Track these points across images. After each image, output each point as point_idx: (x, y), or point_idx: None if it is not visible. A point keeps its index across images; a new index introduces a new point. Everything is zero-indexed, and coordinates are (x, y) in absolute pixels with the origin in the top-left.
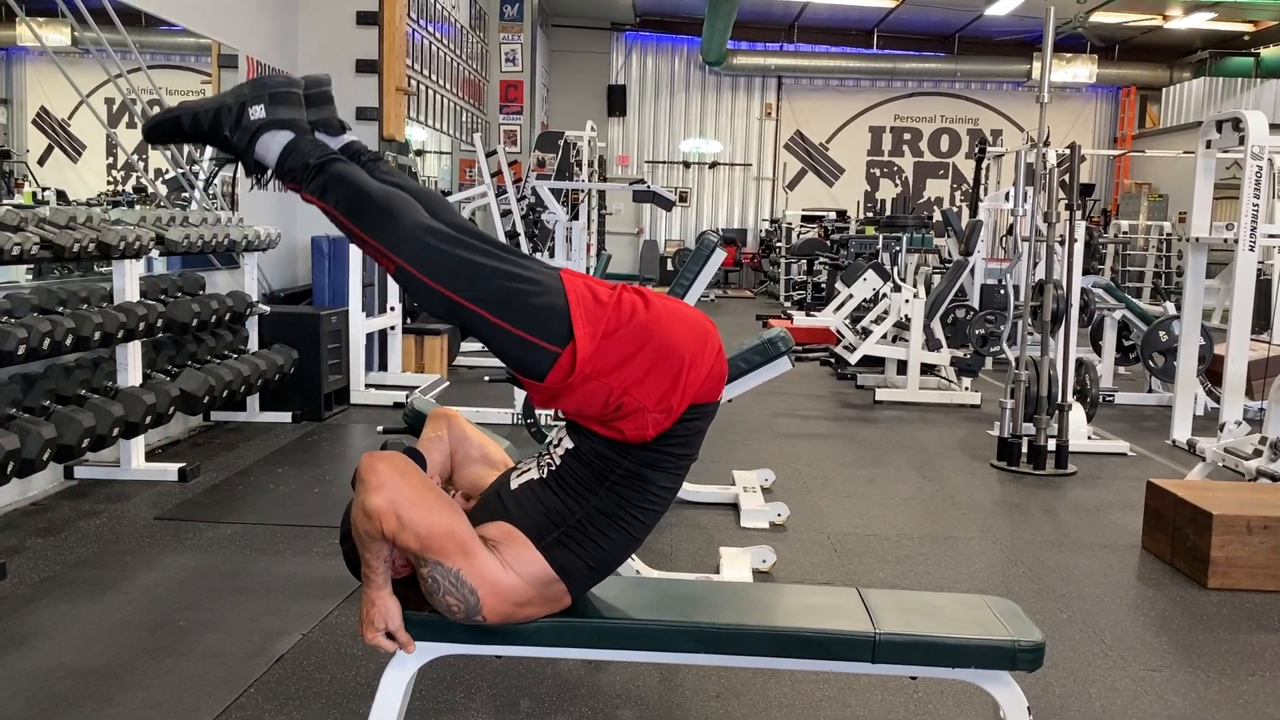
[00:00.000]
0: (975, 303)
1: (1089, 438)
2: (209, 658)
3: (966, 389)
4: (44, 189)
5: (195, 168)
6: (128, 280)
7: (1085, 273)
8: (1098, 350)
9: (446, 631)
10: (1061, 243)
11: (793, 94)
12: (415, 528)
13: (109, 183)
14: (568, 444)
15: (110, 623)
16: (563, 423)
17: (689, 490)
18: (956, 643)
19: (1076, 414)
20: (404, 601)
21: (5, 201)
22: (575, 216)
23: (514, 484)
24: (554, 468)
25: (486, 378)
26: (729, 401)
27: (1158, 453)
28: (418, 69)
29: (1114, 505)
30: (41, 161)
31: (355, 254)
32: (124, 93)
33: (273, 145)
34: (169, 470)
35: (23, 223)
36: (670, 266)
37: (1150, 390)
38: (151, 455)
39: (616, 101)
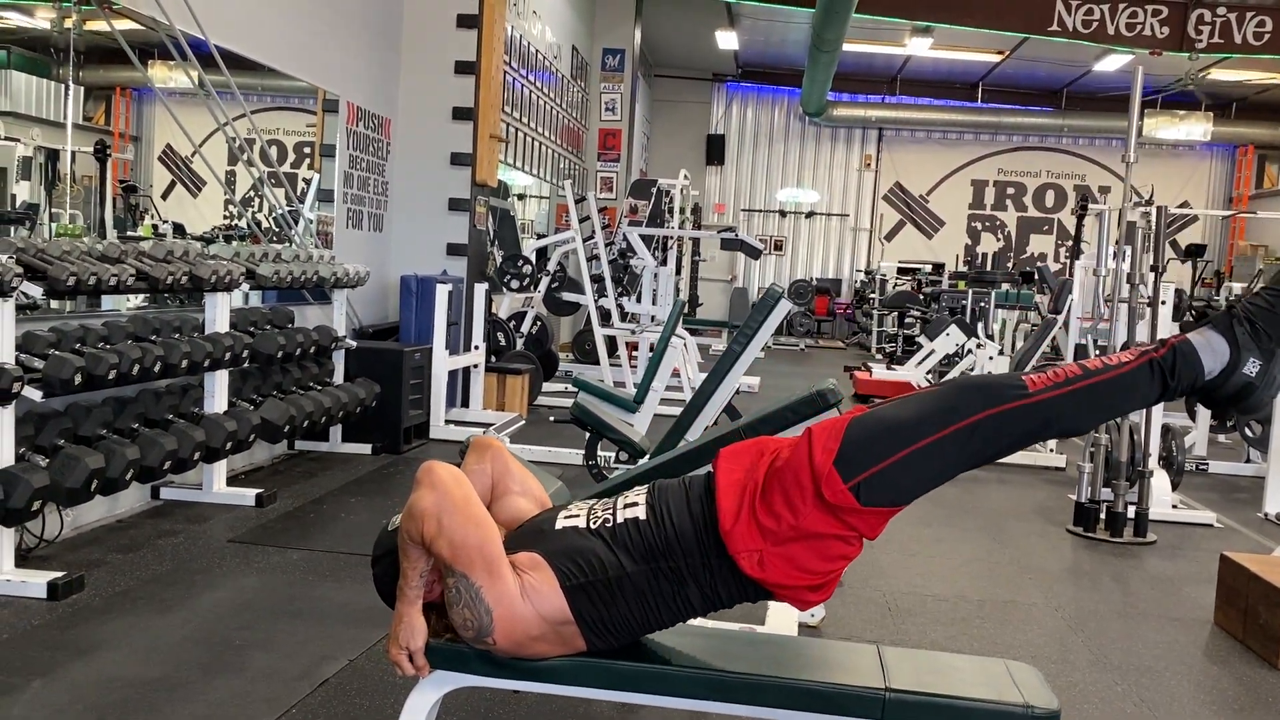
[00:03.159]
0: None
1: (1173, 506)
2: (258, 677)
3: (1051, 451)
4: (164, 222)
5: (298, 207)
6: (219, 311)
7: None
8: (1192, 416)
9: (465, 662)
10: (1149, 304)
11: (893, 145)
12: (451, 535)
13: (225, 217)
14: (639, 514)
15: (172, 638)
16: (641, 491)
17: None
18: (966, 705)
19: (1160, 481)
20: (431, 628)
21: (128, 232)
22: (663, 262)
23: (559, 524)
24: (610, 524)
25: (552, 418)
26: None
27: (1247, 525)
28: (517, 116)
29: (1191, 578)
30: (165, 196)
31: (441, 293)
32: (233, 135)
33: (1210, 353)
34: (247, 495)
35: (123, 255)
36: None
37: (1248, 460)
38: (235, 480)
39: (715, 150)
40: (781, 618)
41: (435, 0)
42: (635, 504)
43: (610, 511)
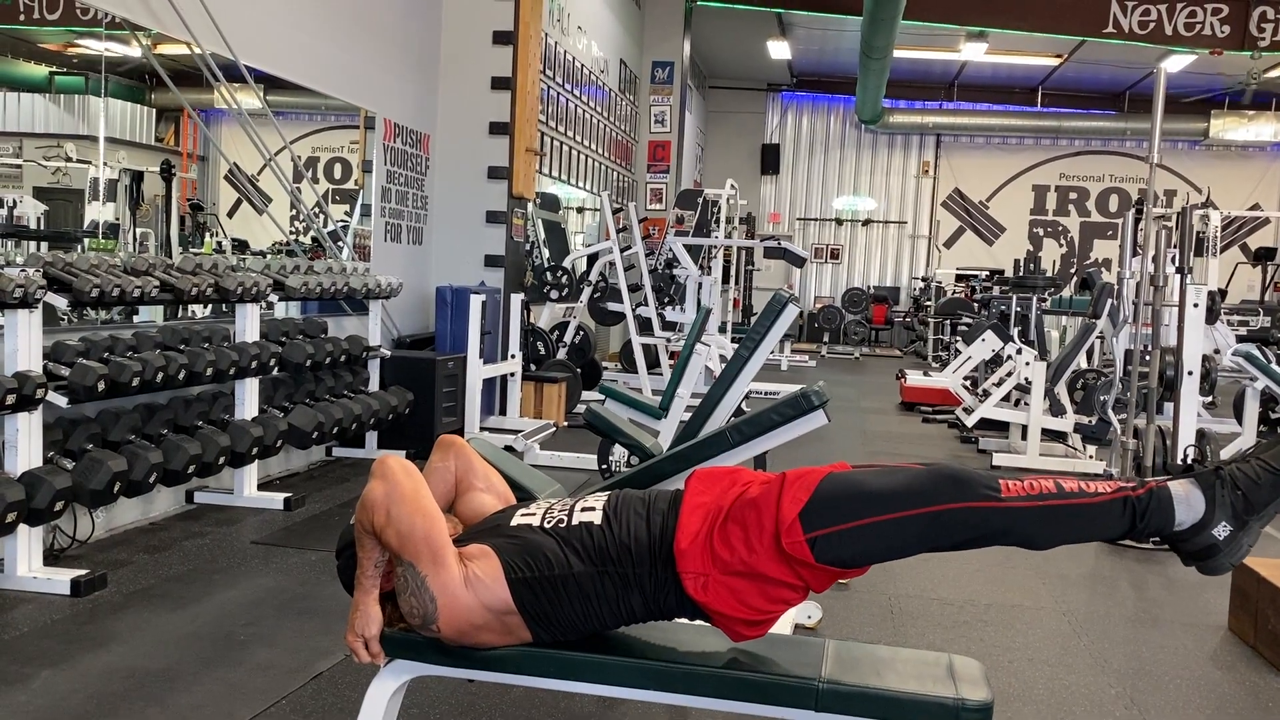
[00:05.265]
0: (1119, 369)
1: None
2: (255, 670)
3: (1091, 457)
4: (226, 238)
5: (348, 222)
6: (248, 322)
7: (1265, 342)
8: (1240, 420)
9: (421, 651)
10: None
11: (951, 151)
12: (398, 525)
13: (291, 233)
14: (594, 519)
15: (181, 633)
16: (602, 497)
17: None
18: (898, 696)
19: None
20: (387, 618)
21: (191, 249)
22: (708, 272)
23: (514, 521)
24: (563, 525)
25: (566, 423)
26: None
27: None
28: (562, 131)
29: (1212, 584)
30: (231, 214)
31: (475, 304)
32: (294, 156)
33: (1183, 513)
34: (276, 499)
35: (150, 268)
36: (816, 324)
37: None
38: (269, 485)
39: (770, 159)
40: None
41: (471, 18)
42: (592, 509)
43: (566, 512)
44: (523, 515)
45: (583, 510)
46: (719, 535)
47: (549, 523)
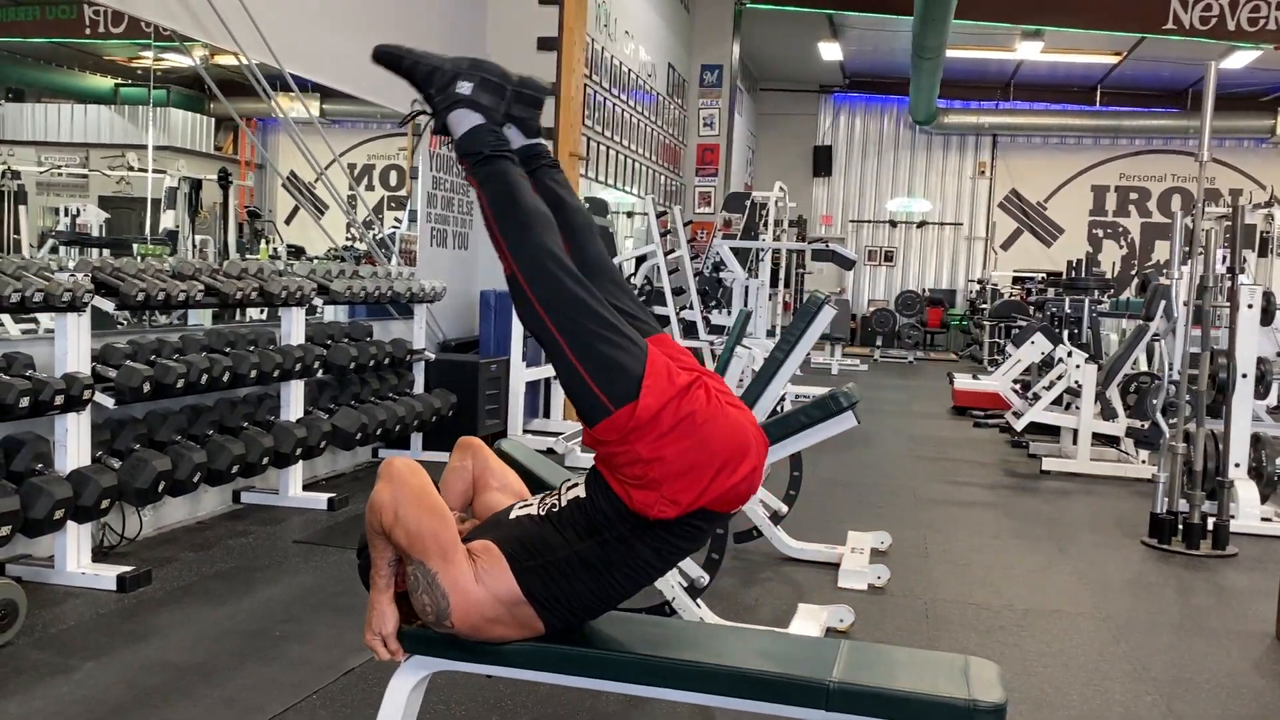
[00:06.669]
0: (1167, 372)
1: (1263, 519)
2: (289, 665)
3: (1143, 462)
4: (282, 244)
5: (390, 228)
6: (294, 325)
7: None
8: None
9: (438, 648)
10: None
11: (1008, 152)
12: (406, 524)
13: (348, 239)
14: (579, 493)
15: (219, 628)
16: (582, 474)
17: (792, 546)
18: (909, 697)
19: (1247, 492)
20: (403, 615)
21: (248, 255)
22: (754, 275)
23: (513, 514)
24: (556, 509)
25: None
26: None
27: None
28: (609, 135)
29: (1264, 592)
30: (288, 221)
31: None
32: (319, 164)
33: (463, 122)
34: (320, 499)
35: (196, 273)
36: (869, 328)
37: None
38: (315, 486)
39: (822, 162)
40: (807, 621)
41: (516, 24)
42: (576, 484)
43: (557, 497)
44: (521, 507)
45: (569, 489)
46: (624, 474)
47: (544, 510)
